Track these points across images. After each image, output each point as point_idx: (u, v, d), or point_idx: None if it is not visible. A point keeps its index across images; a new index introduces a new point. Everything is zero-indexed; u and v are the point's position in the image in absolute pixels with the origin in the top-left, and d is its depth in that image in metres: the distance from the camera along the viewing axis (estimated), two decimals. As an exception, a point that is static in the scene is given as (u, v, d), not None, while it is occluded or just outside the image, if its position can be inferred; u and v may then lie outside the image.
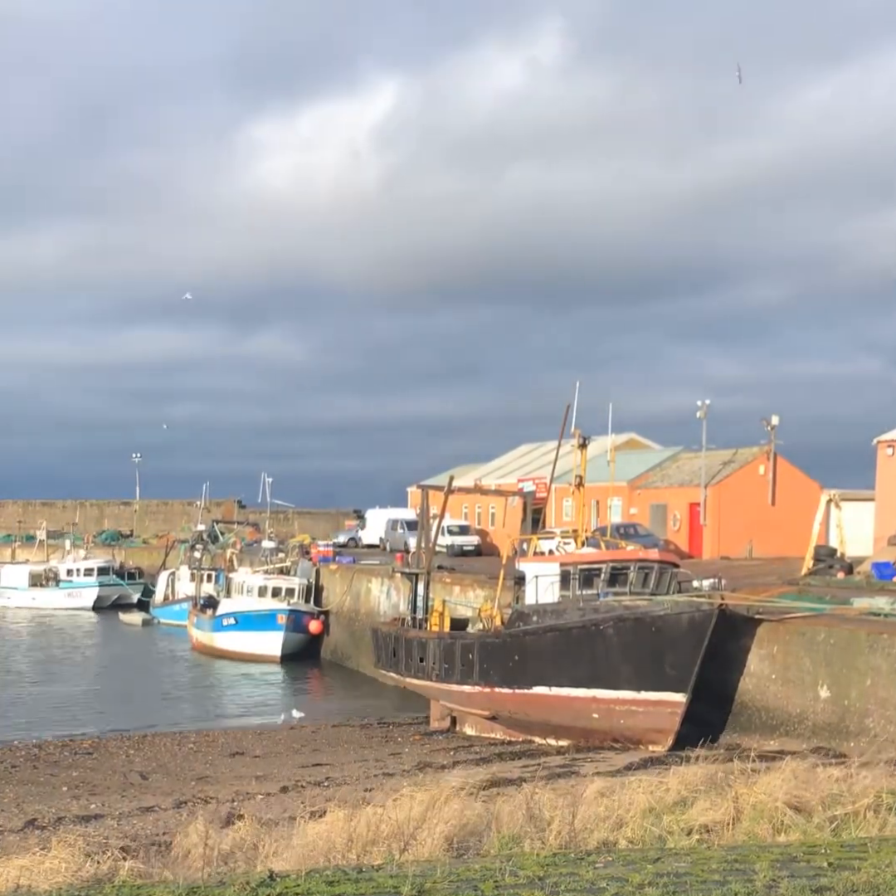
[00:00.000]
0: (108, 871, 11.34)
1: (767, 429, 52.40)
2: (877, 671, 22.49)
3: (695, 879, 8.02)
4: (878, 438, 39.70)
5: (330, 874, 8.46)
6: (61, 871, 11.20)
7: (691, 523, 52.54)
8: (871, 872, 8.08)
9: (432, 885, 7.88)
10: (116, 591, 73.75)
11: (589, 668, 26.52)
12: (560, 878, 8.14)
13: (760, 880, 7.93)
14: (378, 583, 46.21)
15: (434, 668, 30.94)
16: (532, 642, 27.88)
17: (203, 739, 31.04)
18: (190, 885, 8.23)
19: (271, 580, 51.45)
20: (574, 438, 31.75)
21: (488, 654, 29.01)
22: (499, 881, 8.02)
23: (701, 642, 25.18)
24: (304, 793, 21.79)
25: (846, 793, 12.93)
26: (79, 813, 21.11)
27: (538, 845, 11.09)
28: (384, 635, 34.88)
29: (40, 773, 26.49)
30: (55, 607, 71.68)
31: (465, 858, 10.31)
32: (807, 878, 8.05)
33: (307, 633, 48.77)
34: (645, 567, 28.23)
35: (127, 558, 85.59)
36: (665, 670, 25.50)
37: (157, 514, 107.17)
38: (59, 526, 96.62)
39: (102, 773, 26.52)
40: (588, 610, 27.21)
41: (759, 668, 25.66)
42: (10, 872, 11.33)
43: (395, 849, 11.28)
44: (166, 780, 25.50)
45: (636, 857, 8.92)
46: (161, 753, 29.04)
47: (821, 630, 24.37)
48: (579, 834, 11.73)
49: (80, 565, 75.07)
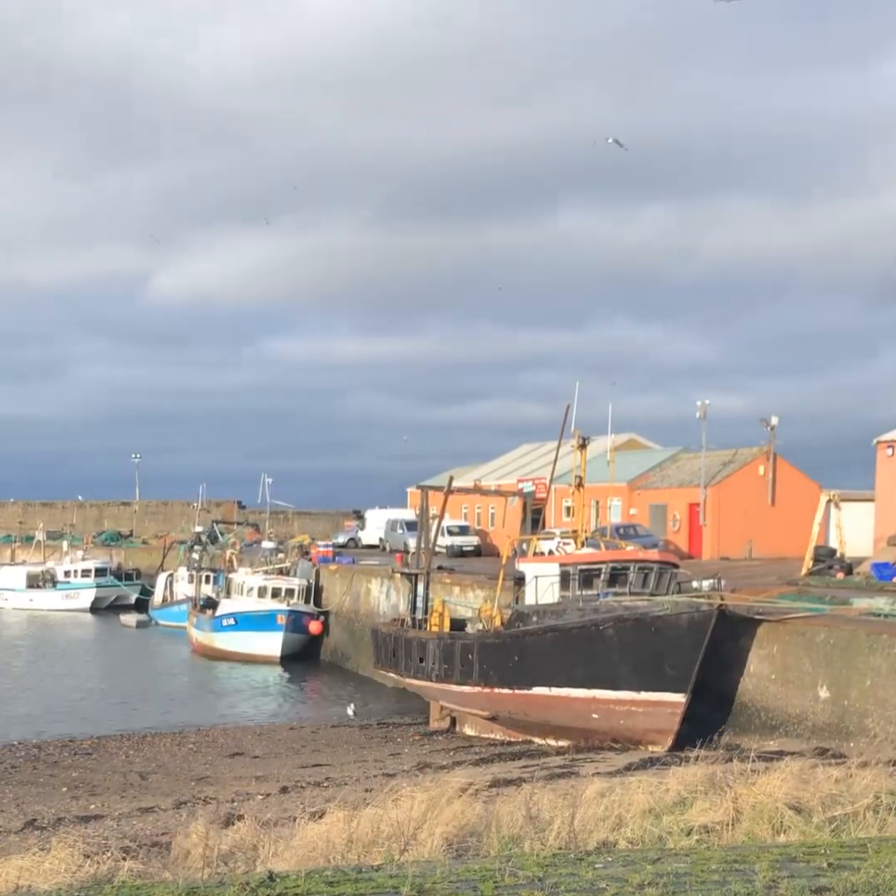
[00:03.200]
0: (107, 872, 11.34)
1: (767, 429, 52.39)
2: (876, 671, 22.49)
3: (694, 880, 8.02)
4: (878, 438, 39.68)
5: (330, 874, 8.46)
6: (61, 872, 11.21)
7: (691, 524, 52.51)
8: (871, 873, 8.08)
9: (432, 886, 7.89)
10: (114, 592, 73.63)
11: (589, 669, 26.51)
12: (560, 878, 8.14)
13: (760, 880, 7.94)
14: (378, 583, 46.20)
15: (434, 669, 30.93)
16: (532, 643, 27.87)
17: (203, 740, 31.04)
18: (190, 885, 8.23)
19: (271, 581, 51.42)
20: (574, 439, 31.78)
21: (488, 655, 29.00)
22: (498, 881, 8.02)
23: (701, 643, 25.18)
24: (304, 793, 21.78)
25: (846, 793, 12.94)
26: (78, 813, 21.11)
27: (538, 846, 11.09)
28: (384, 636, 34.88)
29: (40, 774, 26.50)
30: (52, 609, 71.56)
31: (465, 859, 10.32)
32: (806, 878, 8.05)
33: (307, 634, 48.74)
34: (645, 567, 28.26)
35: (126, 559, 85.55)
36: (665, 671, 25.50)
37: (156, 515, 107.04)
38: (59, 526, 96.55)
39: (102, 773, 26.54)
40: (588, 610, 27.22)
41: (759, 668, 25.66)
42: (10, 873, 11.35)
43: (395, 849, 11.29)
44: (166, 780, 25.50)
45: (636, 858, 8.92)
46: (161, 754, 29.05)
47: (820, 630, 24.37)
48: (579, 834, 11.73)
49: (77, 566, 74.84)
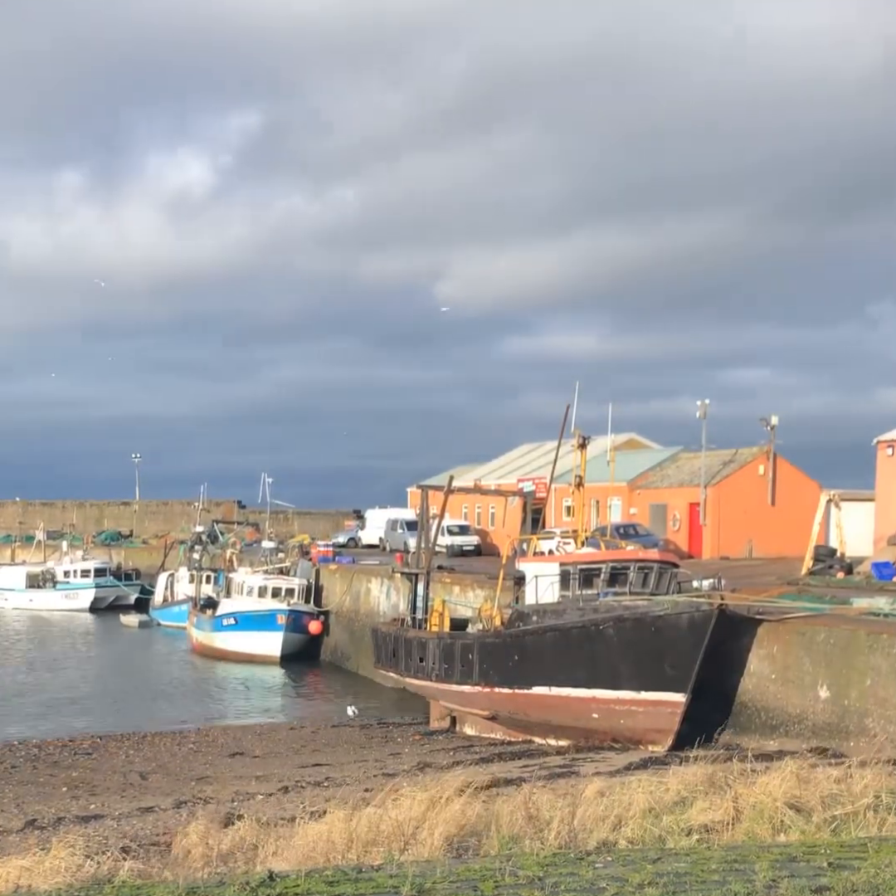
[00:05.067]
0: (107, 872, 11.35)
1: (767, 429, 52.39)
2: (876, 671, 22.48)
3: (694, 879, 8.02)
4: (878, 438, 39.67)
5: (330, 874, 8.46)
6: (61, 872, 11.22)
7: (691, 523, 52.52)
8: (871, 872, 8.08)
9: (432, 885, 7.89)
10: (114, 592, 73.67)
11: (589, 668, 26.50)
12: (560, 878, 8.14)
13: (760, 880, 7.94)
14: (378, 583, 46.20)
15: (434, 668, 30.93)
16: (532, 642, 27.86)
17: (203, 739, 31.05)
18: (190, 885, 8.23)
19: (271, 580, 51.45)
20: (574, 438, 31.77)
21: (488, 654, 28.99)
22: (498, 881, 8.02)
23: (701, 642, 25.17)
24: (304, 793, 21.78)
25: (846, 793, 12.92)
26: (79, 813, 21.11)
27: (538, 845, 11.08)
28: (384, 635, 34.87)
29: (40, 774, 26.51)
30: (52, 609, 71.57)
31: (465, 858, 10.31)
32: (806, 877, 8.05)
33: (307, 634, 48.75)
34: (645, 567, 28.25)
35: (126, 559, 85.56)
36: (665, 670, 25.48)
37: (156, 515, 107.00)
38: (59, 526, 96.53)
39: (102, 773, 26.54)
40: (588, 610, 27.21)
41: (759, 668, 25.65)
42: (11, 873, 11.36)
43: (395, 849, 11.30)
44: (166, 780, 25.50)
45: (636, 857, 8.91)
46: (161, 753, 29.04)
47: (820, 630, 24.36)
48: (579, 834, 11.73)
49: (77, 566, 74.86)
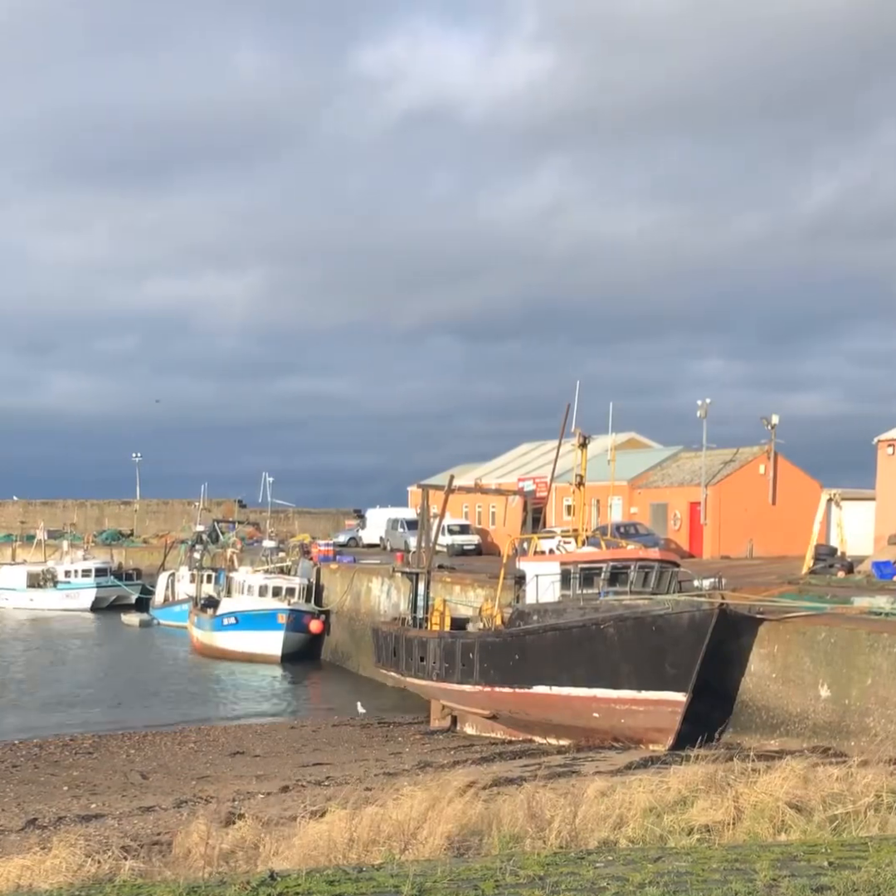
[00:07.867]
0: (108, 871, 11.35)
1: (768, 428, 52.37)
2: (877, 670, 22.48)
3: (695, 879, 8.02)
4: (879, 438, 39.66)
5: (331, 874, 8.45)
6: (62, 871, 11.21)
7: (692, 522, 52.53)
8: (872, 871, 8.07)
9: (433, 885, 7.88)
10: (114, 591, 73.63)
11: (589, 668, 26.50)
12: (561, 877, 8.13)
13: (761, 880, 7.93)
14: (378, 582, 46.20)
15: (434, 668, 30.92)
16: (532, 641, 27.86)
17: (204, 739, 31.06)
18: (191, 884, 8.22)
19: (272, 580, 51.43)
20: (574, 437, 31.76)
21: (489, 654, 28.99)
22: (499, 880, 8.02)
23: (701, 642, 25.17)
24: (305, 792, 21.76)
25: (847, 792, 12.92)
26: (79, 812, 21.11)
27: (539, 845, 11.08)
28: (384, 635, 34.87)
29: (41, 773, 26.52)
30: (53, 608, 71.55)
31: (466, 858, 10.31)
32: (807, 877, 8.04)
33: (307, 633, 48.76)
34: (645, 566, 28.25)
35: (127, 558, 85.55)
36: (666, 669, 25.48)
37: (157, 514, 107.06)
38: (60, 526, 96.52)
39: (103, 772, 26.54)
40: (588, 609, 27.21)
41: (760, 667, 25.65)
42: (11, 872, 11.35)
43: (396, 848, 11.29)
44: (167, 779, 25.50)
45: (637, 857, 8.90)
46: (161, 753, 29.05)
47: (821, 629, 24.36)
48: (580, 833, 11.73)
49: (77, 566, 74.81)
